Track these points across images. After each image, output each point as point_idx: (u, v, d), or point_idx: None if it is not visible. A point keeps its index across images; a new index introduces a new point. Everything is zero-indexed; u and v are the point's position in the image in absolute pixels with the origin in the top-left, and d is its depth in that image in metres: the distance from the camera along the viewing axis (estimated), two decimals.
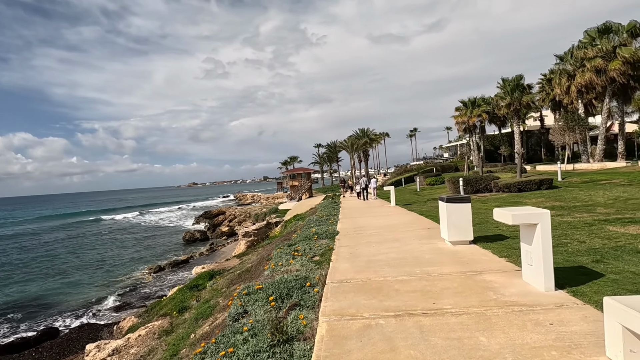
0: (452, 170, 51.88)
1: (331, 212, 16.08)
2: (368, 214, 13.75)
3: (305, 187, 59.21)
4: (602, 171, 22.89)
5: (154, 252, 36.45)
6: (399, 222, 10.74)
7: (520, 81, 38.39)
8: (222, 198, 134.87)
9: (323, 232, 9.56)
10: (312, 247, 7.88)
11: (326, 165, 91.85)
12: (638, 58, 23.90)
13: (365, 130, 68.49)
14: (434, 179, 33.74)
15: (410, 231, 8.84)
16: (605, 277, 4.42)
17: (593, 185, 16.76)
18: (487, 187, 19.67)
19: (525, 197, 15.45)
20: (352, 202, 21.55)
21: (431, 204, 16.85)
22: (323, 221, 12.50)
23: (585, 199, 12.85)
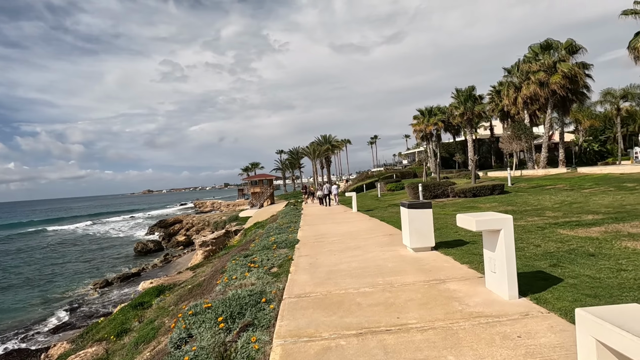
0: (411, 177, 53.46)
1: (292, 219, 15.64)
2: (329, 221, 13.49)
3: (267, 193, 58.17)
4: (546, 177, 24.49)
5: (102, 265, 33.76)
6: (361, 228, 10.56)
7: (473, 92, 40.52)
8: (179, 206, 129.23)
9: (282, 241, 9.12)
10: (270, 257, 7.41)
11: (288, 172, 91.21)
12: (575, 73, 26.01)
13: (328, 136, 68.98)
14: (394, 185, 34.42)
15: (372, 238, 8.65)
16: (564, 282, 4.40)
17: (540, 190, 17.77)
18: (444, 193, 20.23)
19: (480, 202, 16.01)
20: (314, 209, 21.25)
21: (392, 209, 16.97)
22: (283, 229, 12.04)
23: (534, 203, 13.50)
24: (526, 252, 6.10)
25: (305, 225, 12.80)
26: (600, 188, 15.56)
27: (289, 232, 11.05)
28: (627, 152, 40.99)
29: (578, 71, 26.07)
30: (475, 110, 39.48)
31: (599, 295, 3.87)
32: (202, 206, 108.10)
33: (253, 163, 78.24)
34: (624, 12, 21.63)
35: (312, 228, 11.69)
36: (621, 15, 21.72)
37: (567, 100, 29.12)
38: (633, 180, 16.36)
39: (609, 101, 40.88)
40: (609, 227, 7.68)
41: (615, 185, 15.69)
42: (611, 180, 17.92)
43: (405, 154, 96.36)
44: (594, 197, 13.23)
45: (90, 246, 45.49)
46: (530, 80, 27.75)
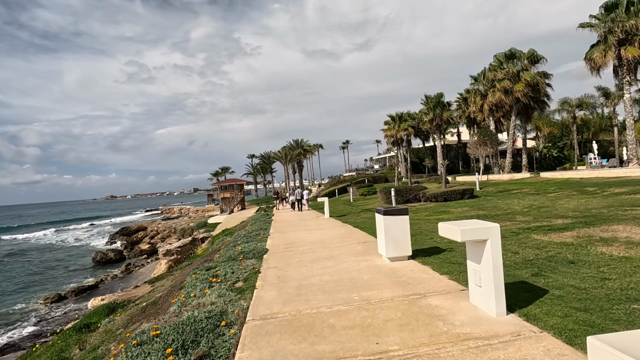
0: (383, 181, 53.93)
1: (262, 226, 14.96)
2: (301, 228, 12.95)
3: (237, 199, 56.70)
4: (511, 181, 25.25)
5: (56, 277, 31.29)
6: (334, 235, 10.10)
7: (441, 99, 41.51)
8: (145, 212, 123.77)
9: (250, 251, 8.48)
10: (236, 270, 6.77)
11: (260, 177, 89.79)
12: (537, 81, 27.12)
13: (300, 141, 68.48)
14: (366, 190, 34.40)
15: (345, 246, 8.20)
16: (549, 293, 4.13)
17: (507, 195, 18.14)
18: (416, 197, 20.25)
19: (451, 206, 16.05)
20: (285, 215, 20.63)
21: (365, 214, 16.69)
22: (252, 237, 11.37)
23: (504, 207, 13.64)
24: (505, 259, 5.85)
25: (275, 232, 12.18)
26: (564, 192, 16.04)
27: (258, 241, 10.41)
28: (583, 158, 43.45)
29: (540, 80, 27.22)
30: (443, 117, 40.43)
31: (589, 309, 3.59)
32: (170, 212, 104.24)
33: (223, 168, 76.28)
34: (581, 25, 22.80)
35: (283, 236, 11.11)
36: (578, 27, 22.89)
37: (530, 107, 30.33)
38: (592, 185, 17.03)
39: (566, 110, 43.23)
40: (581, 231, 7.67)
41: (577, 189, 16.24)
42: (572, 184, 18.60)
43: (377, 159, 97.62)
44: (560, 201, 13.54)
45: (44, 257, 42.20)
46: (496, 88, 28.67)
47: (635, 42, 20.15)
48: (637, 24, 20.02)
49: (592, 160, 37.57)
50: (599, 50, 21.42)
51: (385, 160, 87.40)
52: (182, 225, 46.98)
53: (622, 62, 21.18)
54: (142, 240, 45.35)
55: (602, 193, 14.18)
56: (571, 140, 49.21)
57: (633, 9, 20.83)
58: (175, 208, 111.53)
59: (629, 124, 21.74)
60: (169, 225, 49.72)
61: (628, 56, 20.16)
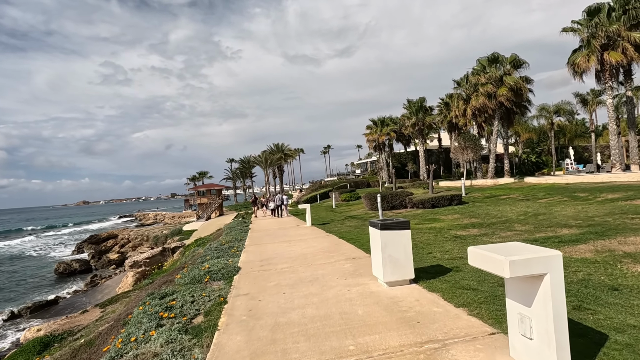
0: (365, 186, 53.21)
1: (237, 235, 13.58)
2: (280, 239, 11.68)
3: (215, 204, 54.62)
4: (496, 186, 24.81)
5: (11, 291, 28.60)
6: (317, 249, 8.90)
7: (423, 103, 41.23)
8: (118, 219, 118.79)
9: (219, 270, 7.17)
10: (197, 297, 5.46)
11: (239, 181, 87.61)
12: (520, 86, 26.96)
13: (280, 145, 67.08)
14: (348, 195, 33.42)
15: (331, 264, 7.01)
16: (611, 339, 3.07)
17: (496, 201, 17.48)
18: (401, 203, 19.35)
19: (441, 213, 15.18)
20: (264, 222, 19.27)
21: (349, 222, 15.59)
22: (224, 250, 10.01)
23: (497, 215, 12.83)
24: None
25: (251, 244, 10.86)
26: (555, 198, 15.47)
27: (230, 255, 9.08)
28: (560, 164, 44.14)
29: (522, 84, 27.10)
30: (426, 121, 40.10)
31: None
32: (144, 218, 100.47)
33: (201, 172, 73.78)
34: (564, 29, 22.71)
35: (259, 249, 9.81)
36: (561, 32, 22.79)
37: (512, 112, 30.23)
38: (581, 190, 16.58)
39: (543, 116, 43.84)
40: (597, 244, 6.80)
41: (567, 195, 15.70)
42: (560, 189, 18.16)
43: (358, 164, 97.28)
44: (554, 207, 12.86)
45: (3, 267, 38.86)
46: (479, 92, 28.38)
47: (619, 47, 20.10)
48: (619, 29, 19.98)
49: (569, 166, 38.00)
50: (582, 54, 21.30)
51: (366, 165, 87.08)
52: (155, 233, 44.56)
53: (605, 67, 21.12)
54: (112, 249, 42.66)
55: (595, 199, 13.63)
56: (548, 146, 50.08)
57: (614, 15, 20.84)
58: (150, 214, 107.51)
59: (611, 129, 21.67)
60: (142, 232, 47.09)
61: (611, 61, 20.07)
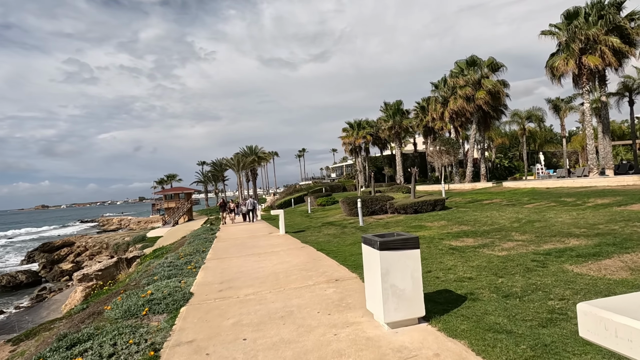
0: (341, 190, 52.12)
1: (200, 246, 11.84)
2: (249, 250, 10.08)
3: (183, 209, 51.72)
4: (475, 191, 24.26)
5: None
6: (292, 265, 7.41)
7: (400, 106, 40.72)
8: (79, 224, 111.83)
9: (165, 297, 5.53)
10: (121, 346, 3.84)
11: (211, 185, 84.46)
12: (498, 89, 26.72)
13: (254, 147, 64.95)
14: (324, 199, 32.06)
15: (309, 287, 5.55)
16: None
17: (480, 206, 16.65)
18: (382, 209, 18.18)
19: (425, 219, 14.08)
20: (233, 230, 17.52)
21: (327, 230, 14.19)
22: (179, 266, 8.32)
23: (487, 221, 11.84)
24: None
25: (213, 258, 9.21)
26: (542, 203, 14.76)
27: (185, 274, 7.42)
28: (531, 169, 44.97)
29: (500, 88, 26.88)
30: (403, 124, 39.58)
31: None
32: (108, 224, 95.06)
33: (169, 175, 70.26)
34: (543, 32, 22.55)
35: (222, 264, 8.19)
36: (540, 35, 22.62)
37: (489, 116, 30.07)
38: (566, 195, 16.04)
39: (516, 121, 44.52)
40: (624, 259, 5.74)
41: (553, 200, 15.06)
42: (543, 194, 17.62)
43: (333, 167, 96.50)
44: (546, 213, 12.03)
45: None
46: (457, 95, 27.95)
47: (597, 51, 20.02)
48: (597, 33, 19.91)
49: (540, 171, 38.53)
50: (561, 58, 21.12)
51: (342, 169, 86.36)
52: (116, 240, 41.27)
53: (582, 71, 21.03)
54: (66, 258, 39.08)
55: (585, 204, 12.97)
56: (520, 151, 51.08)
57: (591, 19, 20.81)
58: (114, 219, 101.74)
59: (588, 134, 21.61)
60: (102, 239, 43.56)
61: (590, 64, 19.95)
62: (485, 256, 6.91)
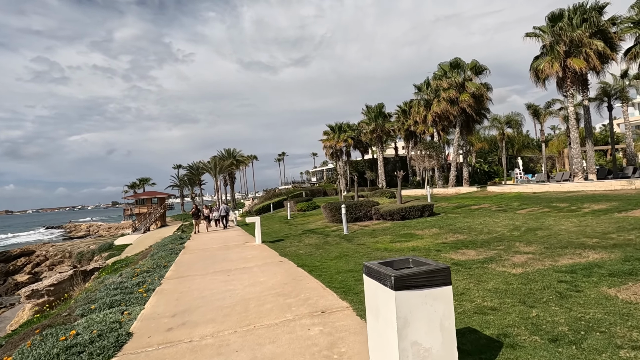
0: (321, 195, 50.95)
1: (162, 260, 10.29)
2: (218, 265, 8.65)
3: (155, 214, 49.12)
4: (460, 195, 23.60)
5: None
6: (267, 288, 6.08)
7: (382, 109, 40.04)
8: (45, 230, 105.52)
9: (91, 342, 4.09)
10: None
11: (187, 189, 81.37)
12: (481, 92, 26.30)
13: (232, 150, 62.94)
14: (305, 204, 30.73)
15: (288, 325, 4.24)
16: None
17: (470, 211, 15.80)
18: (367, 215, 17.06)
19: (414, 226, 13.01)
20: (204, 239, 15.93)
21: (309, 239, 12.88)
22: (129, 288, 6.82)
23: (483, 229, 10.88)
24: None
25: (173, 276, 7.73)
26: (534, 208, 14.02)
27: (132, 301, 5.95)
28: (509, 173, 45.27)
29: (484, 90, 26.49)
30: (385, 127, 38.86)
31: None
32: (75, 230, 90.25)
33: (142, 179, 66.98)
34: (527, 34, 22.25)
35: (182, 285, 6.75)
36: (525, 37, 22.31)
37: (472, 120, 29.68)
38: (557, 200, 15.42)
39: (495, 126, 44.78)
40: None
41: (545, 205, 14.37)
42: (532, 199, 16.99)
43: (313, 172, 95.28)
44: (545, 220, 11.19)
45: None
46: (441, 97, 27.37)
47: (581, 54, 19.77)
48: (581, 36, 19.68)
49: (518, 175, 38.65)
50: (546, 60, 20.78)
51: (322, 173, 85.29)
52: (80, 249, 38.36)
53: (567, 74, 20.77)
54: (22, 269, 35.88)
55: (581, 210, 12.26)
56: (499, 156, 51.51)
57: (574, 22, 20.61)
58: (83, 225, 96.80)
59: (573, 137, 21.34)
60: (64, 248, 40.40)
61: (574, 67, 19.67)
62: (498, 275, 5.80)
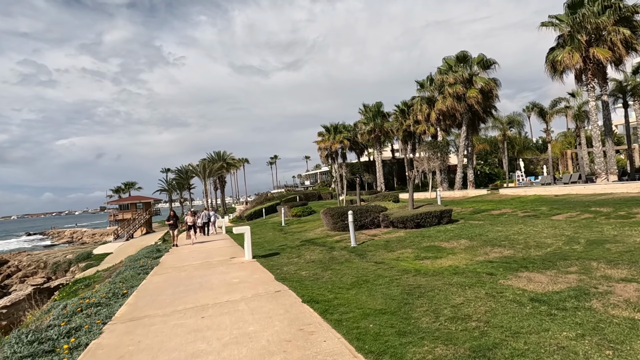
0: (316, 198, 48.65)
1: (123, 284, 7.95)
2: (191, 296, 6.35)
3: (140, 220, 46.32)
4: (469, 199, 21.62)
5: None
6: (260, 348, 3.82)
7: (381, 108, 38.09)
8: (26, 237, 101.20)
9: None
10: None
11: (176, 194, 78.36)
12: (490, 87, 24.45)
13: (222, 153, 60.39)
14: (300, 209, 28.46)
15: None
16: None
17: (492, 218, 13.72)
18: (373, 222, 14.86)
19: (436, 237, 10.85)
20: (184, 252, 13.56)
21: (309, 253, 10.64)
22: (54, 341, 4.51)
23: (526, 241, 8.78)
24: None
25: (125, 317, 5.42)
26: (572, 214, 12.00)
27: None
28: (511, 176, 43.62)
29: (493, 85, 24.65)
30: (384, 127, 36.85)
31: None
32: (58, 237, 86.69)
33: (127, 183, 63.95)
34: (543, 23, 20.47)
35: (129, 339, 4.45)
36: (540, 26, 20.51)
37: (478, 118, 27.84)
38: (594, 204, 13.43)
39: (497, 127, 43.17)
40: None
41: (583, 210, 12.36)
42: (558, 202, 15.02)
43: (307, 175, 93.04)
44: (602, 228, 9.13)
45: None
46: (447, 94, 25.44)
47: (606, 43, 18.00)
48: (607, 23, 17.90)
49: (520, 178, 36.93)
50: (565, 51, 18.96)
51: (316, 176, 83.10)
52: (57, 258, 35.45)
53: (587, 66, 18.98)
54: None
55: (636, 216, 10.27)
56: (499, 158, 49.92)
57: (595, 9, 18.85)
58: (67, 231, 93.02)
59: (595, 135, 19.51)
60: (40, 257, 37.40)
61: (599, 57, 17.86)
62: (627, 326, 3.66)
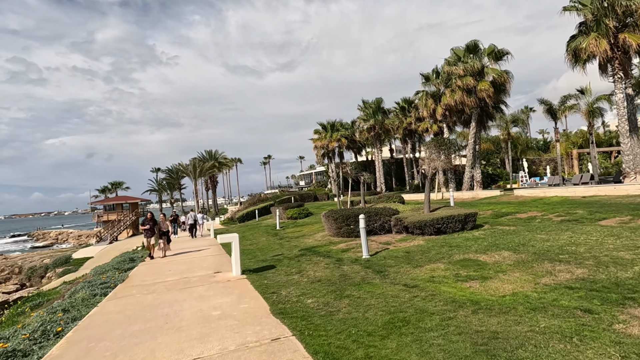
0: (312, 199, 46.59)
1: (61, 316, 5.82)
2: (151, 338, 4.24)
3: (126, 222, 43.84)
4: (482, 201, 19.75)
5: None
6: None
7: (381, 105, 36.20)
8: (9, 238, 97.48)
9: None
10: None
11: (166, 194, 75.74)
12: (504, 80, 22.65)
13: (213, 152, 58.05)
14: (296, 211, 26.36)
15: None
16: None
17: (523, 222, 11.78)
18: (383, 226, 12.86)
19: (465, 246, 8.87)
20: (160, 264, 11.40)
21: (312, 265, 8.58)
22: None
23: (594, 256, 6.86)
24: None
25: None
26: (622, 218, 10.09)
27: None
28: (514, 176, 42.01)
29: (506, 77, 22.83)
30: (385, 124, 34.93)
31: None
32: (43, 238, 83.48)
33: (114, 182, 61.25)
34: (565, 7, 18.71)
35: None
36: (562, 11, 18.74)
37: (487, 114, 26.06)
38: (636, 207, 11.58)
39: (500, 126, 41.55)
40: None
41: (632, 214, 10.49)
42: (592, 204, 13.18)
43: (302, 175, 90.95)
44: None
45: None
46: (456, 86, 23.58)
47: (637, 27, 16.26)
48: (638, 5, 16.16)
49: (524, 179, 35.22)
50: (591, 37, 17.19)
51: (311, 176, 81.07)
52: (33, 262, 32.86)
53: (615, 54, 17.24)
54: None
55: None
56: (501, 158, 48.38)
57: None
58: (52, 232, 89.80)
59: (622, 130, 17.77)
60: (15, 262, 34.73)
61: (631, 43, 16.10)
62: None
